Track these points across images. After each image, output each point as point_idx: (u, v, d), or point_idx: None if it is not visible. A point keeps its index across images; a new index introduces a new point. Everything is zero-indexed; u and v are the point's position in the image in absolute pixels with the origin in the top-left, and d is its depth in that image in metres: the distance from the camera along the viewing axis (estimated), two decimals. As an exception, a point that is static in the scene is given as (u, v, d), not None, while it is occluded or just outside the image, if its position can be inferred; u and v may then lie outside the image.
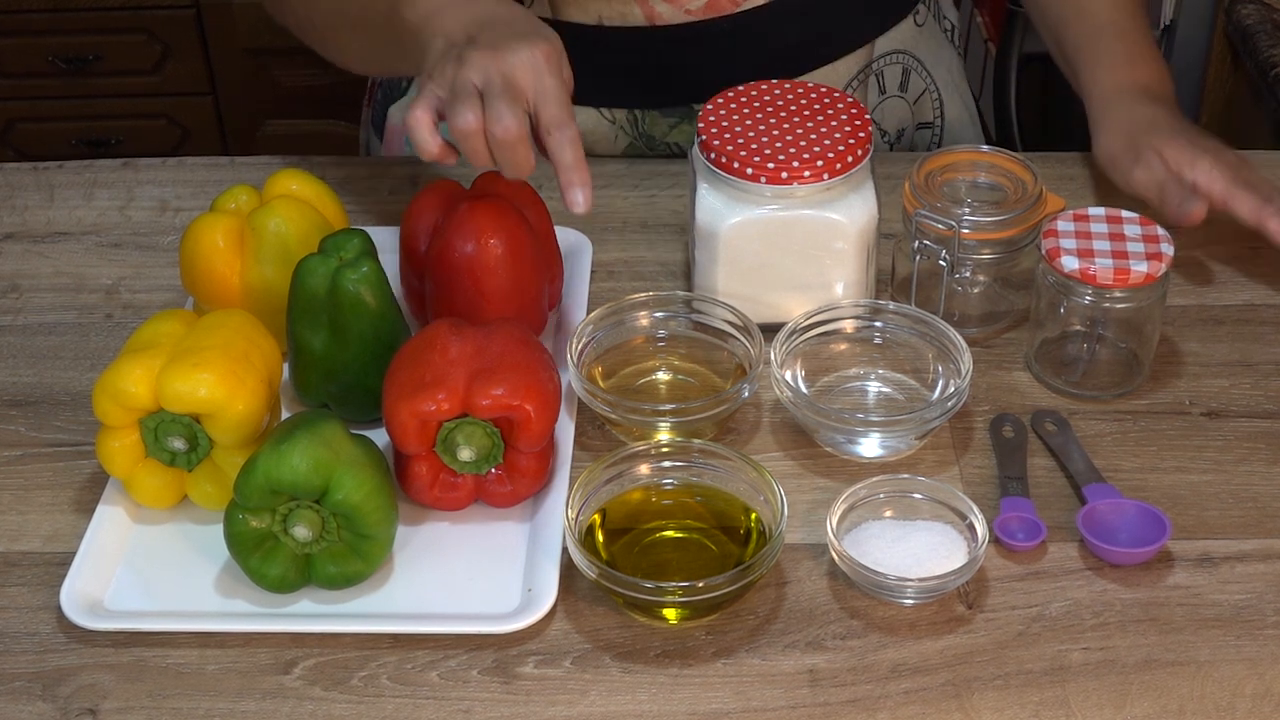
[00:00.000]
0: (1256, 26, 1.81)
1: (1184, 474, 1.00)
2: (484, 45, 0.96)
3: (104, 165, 1.32)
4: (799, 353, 1.05)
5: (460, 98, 0.95)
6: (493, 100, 0.94)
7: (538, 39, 0.97)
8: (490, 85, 0.95)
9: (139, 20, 2.47)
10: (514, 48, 0.96)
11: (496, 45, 0.96)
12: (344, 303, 0.98)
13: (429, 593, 0.93)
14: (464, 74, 0.95)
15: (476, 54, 0.96)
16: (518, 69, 0.95)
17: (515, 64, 0.95)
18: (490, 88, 0.95)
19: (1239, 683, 0.87)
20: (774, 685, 0.87)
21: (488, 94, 0.95)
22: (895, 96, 1.31)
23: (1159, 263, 1.01)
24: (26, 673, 0.89)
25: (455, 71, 0.96)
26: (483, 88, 0.95)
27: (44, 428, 1.05)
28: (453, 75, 0.96)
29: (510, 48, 0.96)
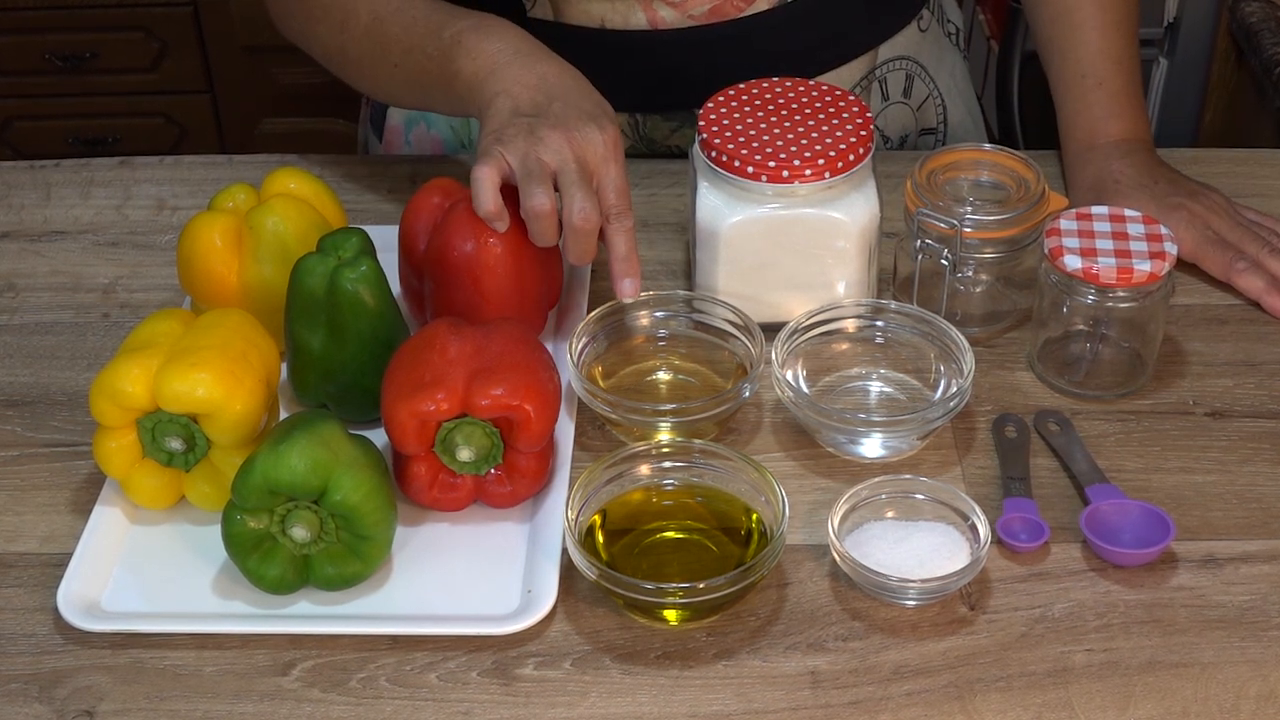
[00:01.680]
0: (1260, 24, 1.81)
1: (1188, 474, 0.99)
2: (556, 124, 1.00)
3: (101, 164, 1.32)
4: (800, 352, 1.05)
5: (536, 177, 0.98)
6: (571, 188, 0.99)
7: (605, 122, 1.02)
8: (566, 170, 0.99)
9: (136, 18, 2.46)
10: (586, 132, 1.01)
11: (569, 125, 1.00)
12: (342, 302, 0.98)
13: (428, 594, 0.92)
14: (538, 152, 0.99)
15: (551, 134, 1.00)
16: (588, 154, 1.01)
17: (588, 149, 1.00)
18: (567, 173, 0.99)
19: (1243, 684, 0.86)
20: (775, 687, 0.87)
21: (564, 179, 0.99)
22: (899, 103, 1.31)
23: (1162, 262, 1.00)
24: (23, 674, 0.88)
25: (529, 147, 0.99)
26: (557, 170, 0.99)
27: (40, 428, 1.05)
28: (525, 149, 0.99)
29: (583, 132, 1.00)
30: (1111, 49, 1.21)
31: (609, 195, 1.01)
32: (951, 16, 1.38)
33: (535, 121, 1.01)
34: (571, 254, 1.01)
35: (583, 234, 0.99)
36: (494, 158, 1.00)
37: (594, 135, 1.01)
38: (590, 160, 1.01)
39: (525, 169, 0.99)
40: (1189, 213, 1.14)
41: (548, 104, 1.02)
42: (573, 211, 0.99)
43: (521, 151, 0.99)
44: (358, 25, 1.14)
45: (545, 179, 0.99)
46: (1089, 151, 1.20)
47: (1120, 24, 1.21)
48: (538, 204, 0.98)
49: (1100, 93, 1.20)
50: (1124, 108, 1.20)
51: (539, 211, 0.98)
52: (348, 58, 1.17)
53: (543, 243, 1.00)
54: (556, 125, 1.00)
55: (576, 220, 0.99)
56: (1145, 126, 1.21)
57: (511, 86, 1.03)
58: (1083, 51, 1.21)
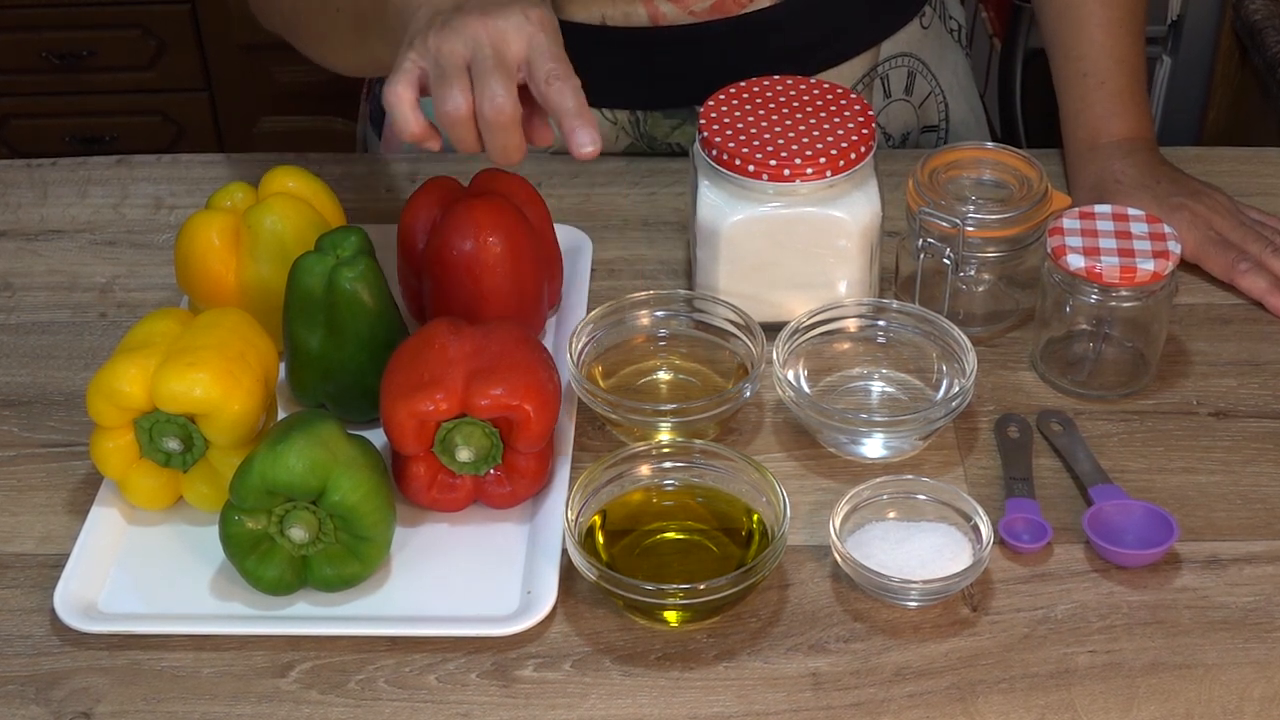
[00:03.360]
0: (1265, 22, 1.81)
1: (1191, 475, 0.99)
2: (469, 12, 0.88)
3: (98, 162, 1.31)
4: (801, 352, 1.04)
5: (447, 74, 0.87)
6: (483, 76, 0.87)
7: (530, 6, 0.90)
8: (480, 57, 0.87)
9: (133, 15, 2.46)
10: (504, 13, 0.88)
11: (486, 12, 0.88)
12: (341, 301, 0.97)
13: (427, 595, 0.92)
14: (449, 44, 0.87)
15: (464, 20, 0.88)
16: (509, 34, 0.88)
17: (507, 29, 0.88)
18: (481, 60, 0.87)
19: (1247, 686, 0.86)
20: (776, 688, 0.87)
21: (477, 68, 0.87)
22: (900, 100, 1.31)
23: (1166, 261, 1.00)
24: (20, 676, 0.88)
25: (439, 41, 0.88)
26: (471, 60, 0.88)
27: (37, 428, 1.05)
28: (436, 45, 0.88)
29: (500, 13, 0.88)
30: (1115, 47, 1.20)
31: (543, 61, 0.88)
32: (954, 13, 1.38)
33: (449, 16, 0.89)
34: (492, 151, 0.88)
35: (496, 127, 0.86)
36: (406, 69, 0.88)
37: (513, 13, 0.88)
38: (512, 41, 0.87)
39: (438, 68, 0.87)
40: (1191, 213, 1.14)
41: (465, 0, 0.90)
42: (483, 101, 0.86)
43: (433, 49, 0.88)
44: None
45: (459, 75, 0.87)
46: (1091, 151, 1.20)
47: (1125, 22, 1.21)
48: (449, 105, 0.86)
49: (1103, 92, 1.20)
50: (1127, 107, 1.20)
51: (452, 115, 0.87)
52: (298, 16, 1.10)
53: (465, 149, 0.88)
54: (473, 12, 0.88)
55: (487, 111, 0.86)
56: (1148, 126, 1.21)
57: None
58: (1086, 49, 1.21)
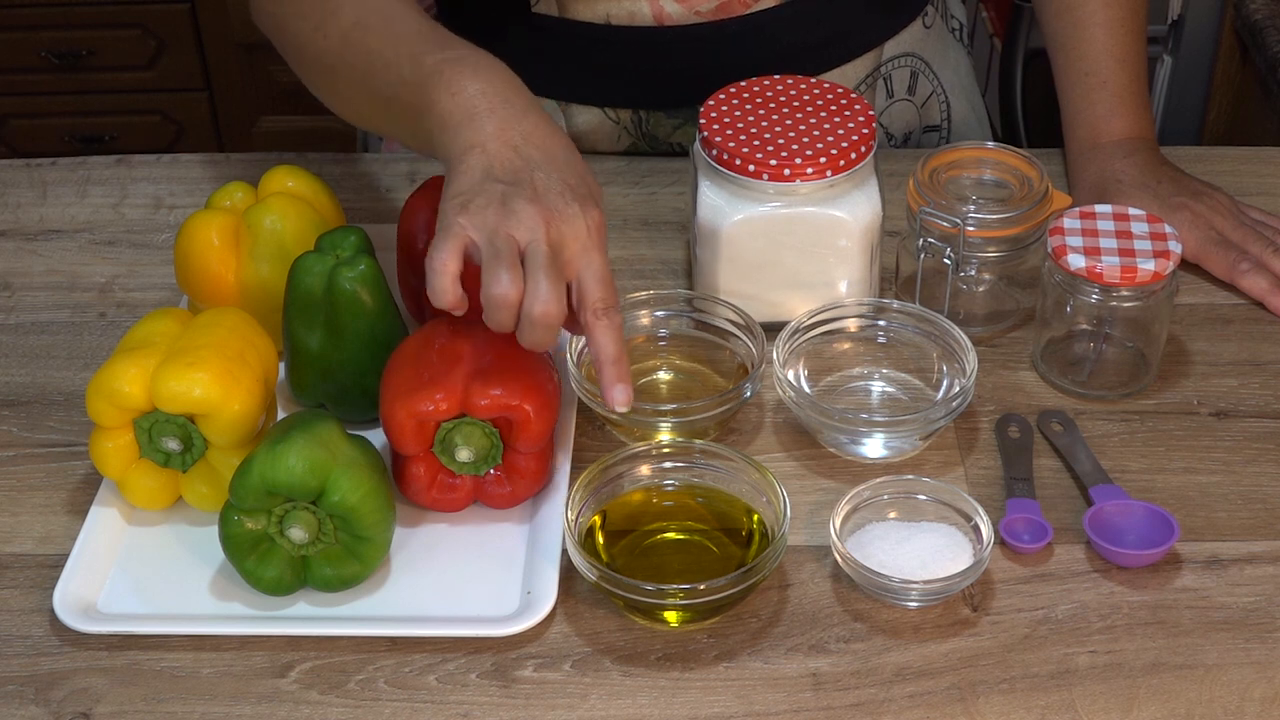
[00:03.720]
0: (1265, 21, 1.81)
1: (1192, 475, 0.99)
2: (534, 198, 0.88)
3: (97, 162, 1.31)
4: (802, 352, 1.04)
5: (501, 257, 0.86)
6: (535, 273, 0.86)
7: (591, 204, 0.90)
8: (535, 252, 0.87)
9: (133, 15, 2.46)
10: (567, 213, 0.88)
11: (549, 202, 0.88)
12: (341, 301, 0.97)
13: (427, 595, 0.92)
14: (507, 227, 0.87)
15: (527, 208, 0.88)
16: (568, 239, 0.88)
17: (566, 233, 0.88)
18: (535, 256, 0.87)
19: (1248, 686, 0.86)
20: (777, 689, 0.86)
21: (530, 262, 0.87)
22: (903, 100, 1.30)
23: (1166, 261, 1.00)
24: (19, 676, 0.88)
25: (497, 221, 0.87)
26: (525, 251, 0.87)
27: (36, 428, 1.05)
28: (494, 224, 0.87)
29: (562, 212, 0.88)
30: (1117, 47, 1.20)
31: (592, 287, 0.89)
32: (955, 13, 1.38)
33: (510, 191, 0.88)
34: (525, 342, 0.88)
35: (540, 327, 0.87)
36: (456, 235, 0.87)
37: (576, 218, 0.89)
38: (569, 246, 0.88)
39: (492, 247, 0.87)
40: (1192, 213, 1.13)
41: (528, 172, 0.90)
42: (534, 300, 0.86)
43: (490, 226, 0.87)
44: (337, 27, 1.03)
45: (514, 261, 0.86)
46: (1092, 150, 1.19)
47: (1126, 21, 1.21)
48: (501, 292, 0.86)
49: (1104, 91, 1.20)
50: (1128, 106, 1.20)
51: (502, 301, 0.86)
52: (319, 61, 1.05)
53: (498, 329, 0.88)
54: (534, 199, 0.88)
55: (536, 311, 0.86)
56: (1149, 125, 1.21)
57: (489, 142, 0.91)
58: (1087, 48, 1.21)
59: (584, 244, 0.89)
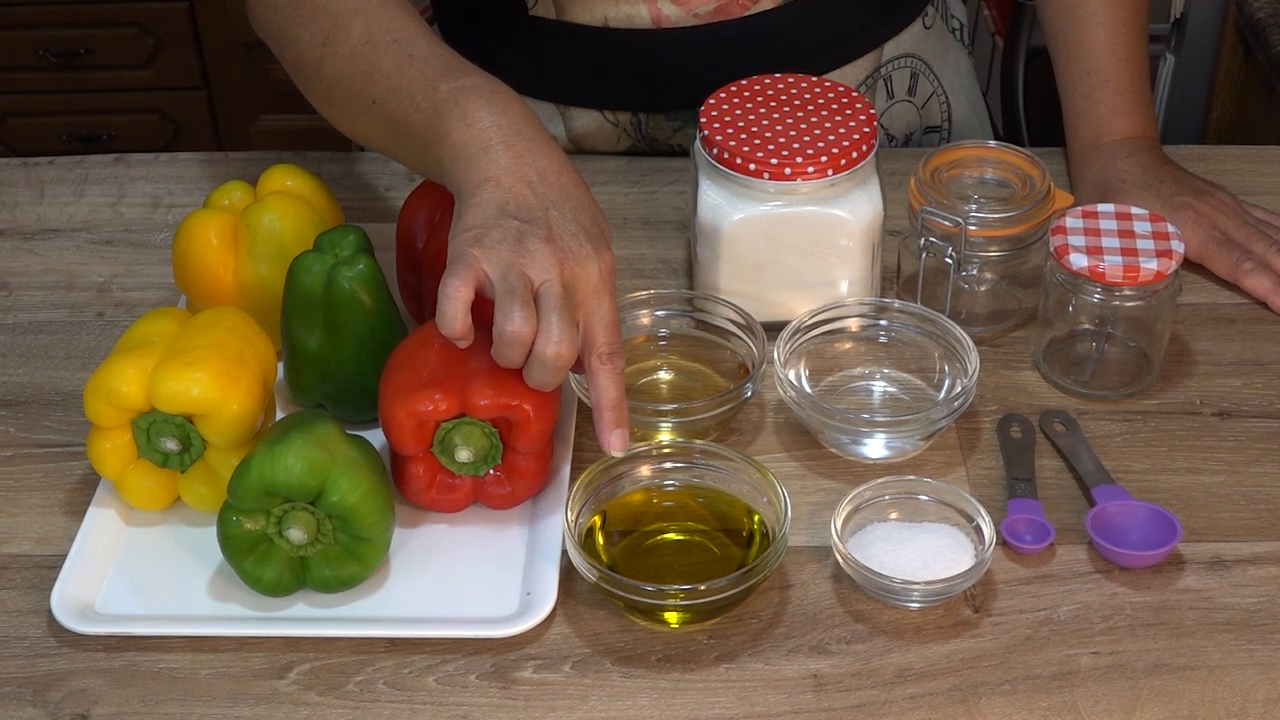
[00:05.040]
0: (1268, 20, 1.80)
1: (1195, 475, 0.99)
2: (548, 237, 0.89)
3: (95, 161, 1.31)
4: (803, 352, 1.04)
5: (515, 294, 0.87)
6: (548, 314, 0.88)
7: (603, 246, 0.91)
8: (549, 292, 0.88)
9: (131, 13, 2.45)
10: (580, 254, 0.89)
11: (563, 244, 0.89)
12: (340, 301, 0.97)
13: (426, 596, 0.92)
14: (522, 267, 0.88)
15: (542, 248, 0.88)
16: (580, 282, 0.89)
17: (579, 275, 0.89)
18: (549, 296, 0.88)
19: (1250, 687, 0.86)
20: (777, 690, 0.86)
21: (544, 303, 0.88)
22: (903, 101, 1.30)
23: (1169, 260, 1.00)
24: (16, 677, 0.88)
25: (514, 259, 0.88)
26: (539, 291, 0.88)
27: (34, 428, 1.04)
28: (510, 262, 0.88)
29: (576, 254, 0.89)
30: (1119, 45, 1.20)
31: (598, 332, 0.90)
32: (956, 12, 1.37)
33: (525, 229, 0.89)
34: (534, 381, 0.90)
35: (551, 368, 0.88)
36: (469, 266, 0.88)
37: (589, 260, 0.90)
38: (580, 288, 0.89)
39: (506, 283, 0.87)
40: (1195, 212, 1.13)
41: (543, 211, 0.90)
42: (547, 341, 0.87)
43: (505, 262, 0.88)
44: (345, 43, 1.01)
45: (527, 299, 0.87)
46: (1094, 149, 1.19)
47: (1128, 20, 1.20)
48: (514, 329, 0.87)
49: (1106, 90, 1.20)
50: (1130, 105, 1.19)
51: (514, 338, 0.87)
52: (321, 75, 1.03)
53: (506, 365, 0.89)
54: (549, 239, 0.89)
55: (549, 353, 0.87)
56: (1152, 124, 1.21)
57: (503, 176, 0.91)
58: (1089, 47, 1.21)
59: (595, 287, 0.90)
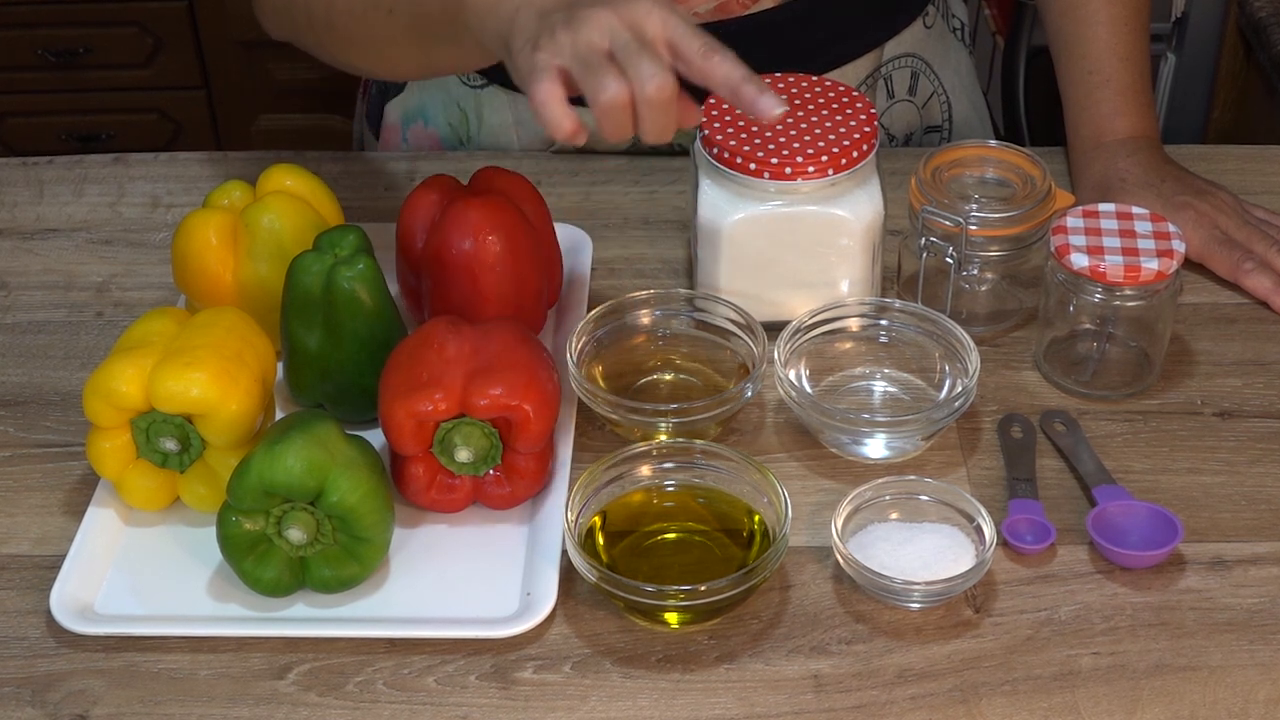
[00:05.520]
0: (1269, 19, 1.80)
1: (1196, 475, 0.99)
2: (592, 3, 0.87)
3: (94, 160, 1.31)
4: (803, 352, 1.04)
5: (595, 66, 0.85)
6: (632, 59, 0.85)
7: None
8: (623, 42, 0.86)
9: (130, 13, 2.45)
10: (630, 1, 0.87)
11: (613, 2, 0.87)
12: (339, 301, 0.97)
13: (426, 596, 0.92)
14: (585, 36, 0.86)
15: (590, 14, 0.86)
16: (641, 17, 0.87)
17: (638, 12, 0.86)
18: (624, 45, 0.85)
19: (1252, 688, 0.86)
20: (778, 691, 0.86)
21: (623, 54, 0.85)
22: (904, 100, 1.30)
23: (1170, 260, 0.99)
24: (15, 678, 0.88)
25: (573, 35, 0.86)
26: (613, 48, 0.86)
27: (33, 428, 1.04)
28: (571, 40, 0.86)
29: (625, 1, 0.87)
30: (1120, 45, 1.20)
31: (685, 41, 0.87)
32: (956, 11, 1.37)
33: (569, 12, 0.87)
34: (650, 133, 0.87)
35: (659, 107, 0.85)
36: (544, 67, 0.86)
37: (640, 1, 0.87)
38: (648, 23, 0.87)
39: (583, 62, 0.85)
40: (1196, 212, 1.13)
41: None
42: (644, 83, 0.84)
43: (569, 45, 0.86)
44: None
45: (608, 64, 0.85)
46: (1096, 149, 1.19)
47: (1129, 19, 1.20)
48: (613, 94, 0.84)
49: (1108, 89, 1.19)
50: (1131, 105, 1.19)
51: (616, 102, 0.85)
52: (334, 20, 1.05)
53: (617, 138, 0.87)
54: (594, 4, 0.87)
55: (651, 91, 0.84)
56: (1153, 124, 1.21)
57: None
58: (1091, 46, 1.20)
59: (658, 14, 0.87)
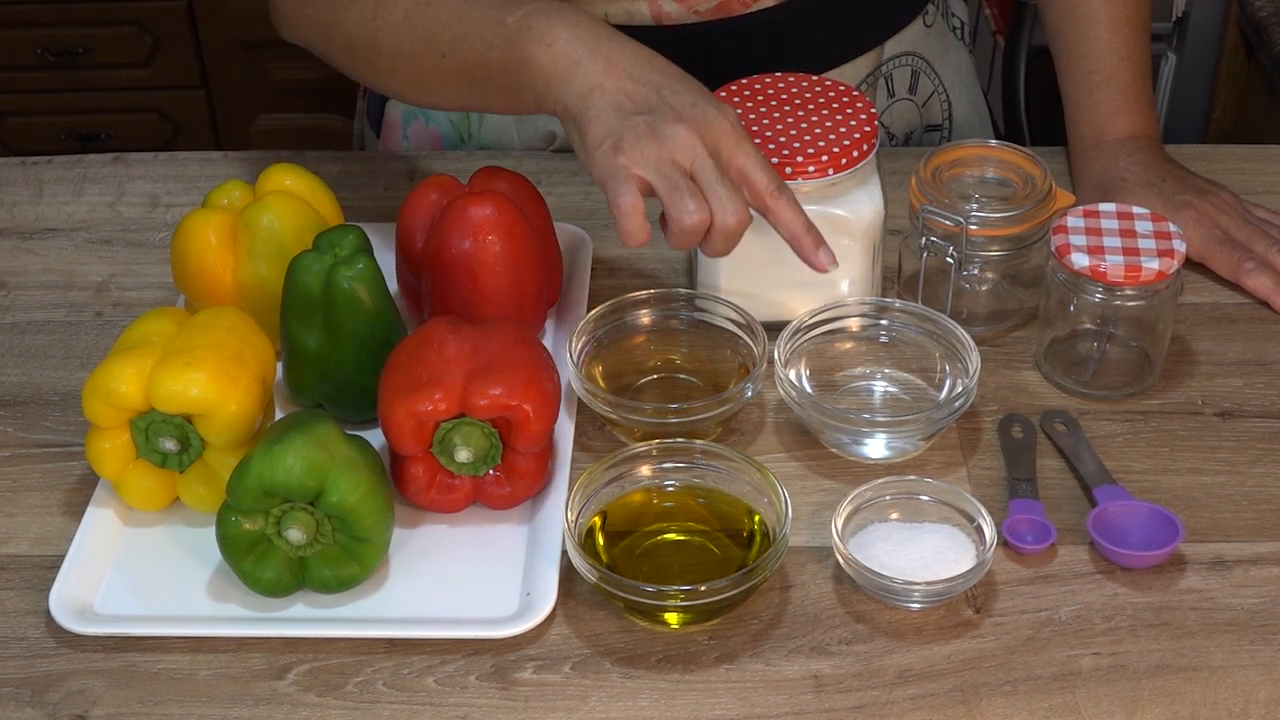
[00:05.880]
0: (1270, 19, 1.80)
1: (1196, 475, 0.99)
2: (676, 118, 0.92)
3: (94, 160, 1.31)
4: (803, 351, 1.04)
5: (680, 187, 0.91)
6: (716, 188, 0.91)
7: (718, 102, 0.94)
8: (704, 168, 0.92)
9: (130, 12, 2.45)
10: (709, 119, 0.93)
11: (692, 117, 0.92)
12: (339, 301, 0.97)
13: (426, 597, 0.91)
14: (668, 153, 0.91)
15: (677, 130, 0.92)
16: (720, 142, 0.93)
17: (718, 138, 0.92)
18: (706, 172, 0.91)
19: (1252, 688, 0.86)
20: (778, 691, 0.86)
21: (705, 178, 0.91)
22: (904, 99, 1.30)
23: (1171, 259, 0.99)
24: (15, 678, 0.88)
25: (658, 152, 0.91)
26: (693, 170, 0.92)
27: (33, 428, 1.04)
28: (656, 154, 0.91)
29: (706, 120, 0.93)
30: (1121, 44, 1.20)
31: (757, 176, 0.93)
32: (957, 11, 1.37)
33: (653, 120, 0.92)
34: (716, 253, 0.94)
35: (734, 236, 0.92)
36: (627, 178, 0.91)
37: (719, 120, 0.93)
38: (724, 148, 0.93)
39: (667, 181, 0.91)
40: (1197, 211, 1.13)
41: (655, 96, 0.93)
42: (725, 214, 0.91)
43: (654, 160, 0.91)
44: (396, 10, 1.03)
45: (692, 187, 0.91)
46: (1096, 148, 1.19)
47: (1130, 18, 1.20)
48: (697, 221, 0.91)
49: (1108, 89, 1.19)
50: (1132, 104, 1.19)
51: (697, 228, 0.91)
52: (379, 48, 1.05)
53: (683, 249, 0.94)
54: (679, 119, 0.92)
55: (732, 224, 0.91)
56: (1154, 123, 1.20)
57: (604, 80, 0.94)
58: (1091, 46, 1.20)
59: (735, 140, 0.93)
